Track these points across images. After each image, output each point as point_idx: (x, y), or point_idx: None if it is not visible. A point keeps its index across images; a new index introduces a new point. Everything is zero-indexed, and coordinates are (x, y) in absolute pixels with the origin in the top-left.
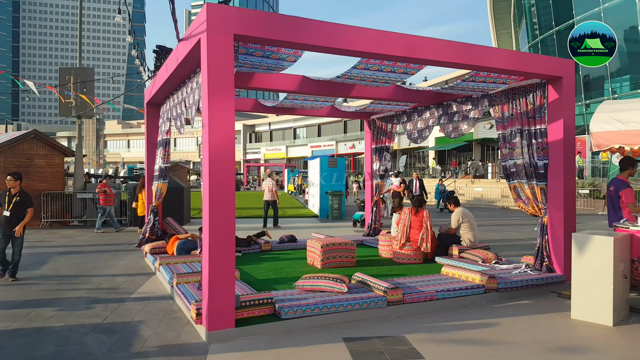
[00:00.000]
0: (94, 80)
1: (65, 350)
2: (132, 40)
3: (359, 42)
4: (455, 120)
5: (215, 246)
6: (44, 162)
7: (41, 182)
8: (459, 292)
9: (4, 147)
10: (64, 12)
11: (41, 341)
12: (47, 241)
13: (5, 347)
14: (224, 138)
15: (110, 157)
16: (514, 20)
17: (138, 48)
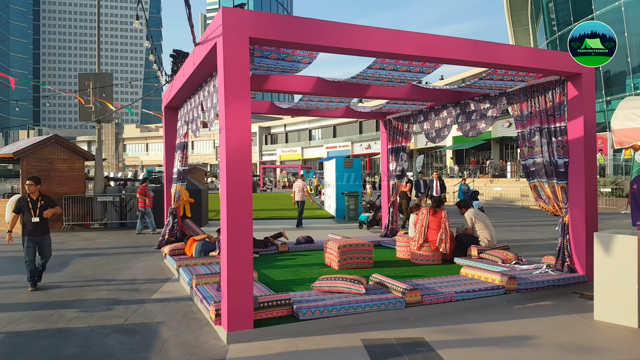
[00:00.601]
0: (113, 85)
1: (87, 351)
2: (149, 46)
3: (374, 42)
4: (473, 119)
5: (233, 247)
6: (65, 166)
7: (62, 186)
8: (479, 293)
9: (26, 152)
10: (82, 19)
11: (65, 342)
12: (68, 244)
13: (31, 347)
14: (241, 140)
15: (129, 161)
16: (531, 17)
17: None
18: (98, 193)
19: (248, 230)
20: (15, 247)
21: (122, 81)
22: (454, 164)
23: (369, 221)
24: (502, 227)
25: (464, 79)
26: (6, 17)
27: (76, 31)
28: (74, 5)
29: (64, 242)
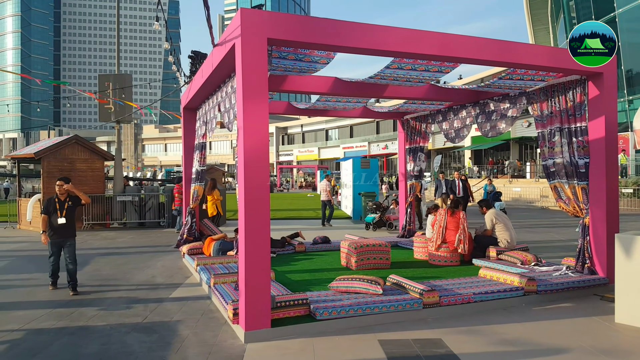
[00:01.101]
0: (132, 86)
1: (107, 349)
2: (169, 47)
3: (392, 42)
4: (493, 119)
5: (251, 247)
6: (85, 166)
7: (82, 186)
8: (497, 295)
9: (47, 152)
10: (102, 21)
11: (85, 339)
12: (88, 243)
13: (52, 345)
14: (259, 141)
15: (148, 161)
16: (552, 15)
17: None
18: (117, 193)
19: (265, 230)
20: (35, 245)
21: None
22: (472, 164)
23: (375, 222)
24: (522, 228)
25: (482, 78)
26: (28, 19)
27: (96, 32)
28: (94, 7)
29: (84, 241)
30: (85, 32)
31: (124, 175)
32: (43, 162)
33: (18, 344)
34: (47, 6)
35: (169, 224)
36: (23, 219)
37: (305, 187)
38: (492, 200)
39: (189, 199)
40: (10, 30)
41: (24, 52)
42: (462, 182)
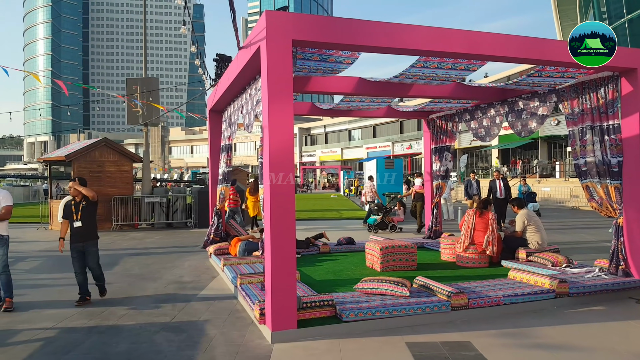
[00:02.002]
0: (159, 90)
1: (137, 348)
2: (195, 50)
3: (418, 40)
4: (524, 117)
5: (276, 248)
6: (114, 168)
7: (111, 187)
8: (528, 297)
9: (77, 154)
10: (129, 25)
11: (115, 338)
12: (117, 243)
13: (83, 343)
14: (284, 142)
15: (174, 163)
16: (580, 11)
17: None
18: (146, 194)
19: (291, 230)
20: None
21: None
22: (499, 163)
23: (376, 224)
24: (551, 228)
25: (509, 76)
26: (58, 25)
27: (123, 37)
28: (121, 13)
29: (112, 241)
30: (112, 37)
31: (152, 177)
32: (73, 164)
33: (51, 341)
34: (76, 12)
35: (195, 224)
36: (54, 220)
37: (328, 187)
38: (526, 200)
39: (215, 200)
40: (42, 37)
41: (54, 58)
42: (503, 181)
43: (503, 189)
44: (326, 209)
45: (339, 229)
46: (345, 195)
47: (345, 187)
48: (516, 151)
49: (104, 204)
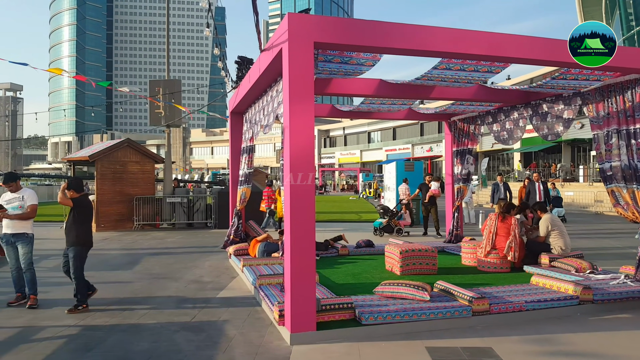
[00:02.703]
0: (181, 91)
1: (158, 347)
2: (218, 53)
3: (441, 42)
4: (549, 120)
5: (296, 249)
6: (137, 168)
7: (134, 187)
8: (551, 303)
9: (101, 155)
10: (152, 28)
11: (136, 337)
12: (139, 242)
13: (106, 341)
14: (304, 143)
15: (195, 164)
16: (606, 12)
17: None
18: (167, 194)
19: (311, 232)
20: None
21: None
22: (521, 167)
23: (382, 227)
24: (575, 234)
25: (532, 78)
26: (83, 27)
27: (146, 40)
28: (144, 15)
29: (134, 241)
30: (135, 39)
31: (174, 178)
32: (97, 164)
33: (74, 339)
34: (100, 15)
35: (215, 224)
36: None
37: (347, 189)
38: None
39: (235, 201)
40: (67, 39)
41: (78, 60)
42: (543, 184)
43: (542, 193)
44: (345, 211)
45: (357, 230)
46: (364, 198)
47: (362, 190)
48: (538, 154)
49: (126, 204)
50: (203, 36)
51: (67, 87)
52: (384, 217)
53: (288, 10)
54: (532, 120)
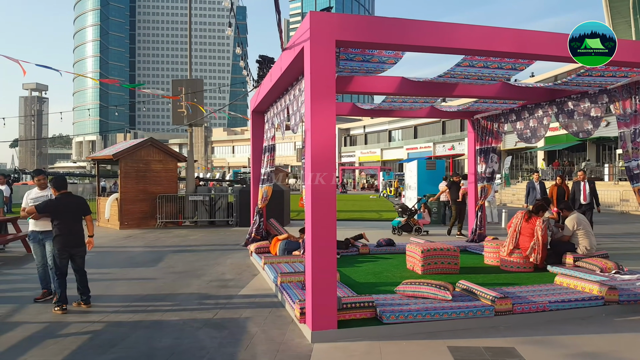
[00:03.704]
0: (203, 91)
1: (180, 343)
2: (240, 52)
3: (465, 39)
4: (576, 118)
5: (317, 247)
6: (160, 167)
7: (157, 186)
8: (575, 304)
9: (124, 153)
10: (174, 28)
11: (159, 333)
12: (162, 240)
13: (130, 337)
14: (325, 142)
15: (217, 162)
16: (634, 7)
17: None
18: (189, 193)
19: (332, 230)
20: (112, 242)
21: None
22: (545, 165)
23: (400, 226)
24: (600, 233)
25: (556, 76)
26: (106, 28)
27: (168, 39)
28: (166, 15)
29: (157, 238)
30: (158, 39)
31: (195, 176)
32: (120, 163)
33: (99, 334)
34: (123, 15)
35: (236, 222)
36: (101, 217)
37: (367, 188)
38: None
39: (257, 199)
40: (91, 39)
41: (102, 60)
42: (589, 184)
43: (588, 194)
44: (365, 209)
45: (377, 228)
46: (385, 197)
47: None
48: (563, 153)
49: (149, 202)
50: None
51: (91, 87)
52: (402, 215)
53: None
54: (559, 118)
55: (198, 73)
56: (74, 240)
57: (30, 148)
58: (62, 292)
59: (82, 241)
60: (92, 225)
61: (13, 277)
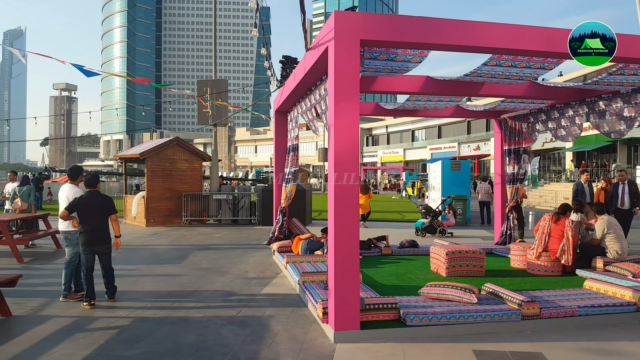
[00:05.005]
0: (227, 91)
1: (205, 340)
2: (265, 52)
3: (492, 38)
4: (608, 118)
5: (340, 247)
6: (185, 166)
7: (182, 184)
8: (605, 309)
9: (151, 152)
10: (199, 29)
11: (184, 329)
12: (187, 237)
13: (155, 333)
14: (349, 142)
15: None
16: None
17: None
18: (214, 191)
19: (355, 230)
20: (139, 240)
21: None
22: (574, 167)
23: (424, 227)
24: (632, 238)
25: (585, 75)
26: (133, 29)
27: (193, 40)
28: (192, 17)
29: (183, 236)
30: (183, 39)
31: (219, 175)
32: (147, 162)
33: (126, 329)
34: (149, 17)
35: (259, 221)
36: (129, 214)
37: (389, 188)
38: None
39: (279, 198)
40: (118, 40)
41: (129, 60)
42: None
43: (627, 197)
44: (388, 210)
45: (399, 228)
46: (407, 197)
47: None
48: (592, 154)
49: (174, 200)
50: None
51: (119, 86)
52: (426, 217)
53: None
54: (590, 118)
55: (222, 74)
56: (97, 238)
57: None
58: (90, 288)
59: (106, 239)
60: (117, 225)
61: (44, 272)
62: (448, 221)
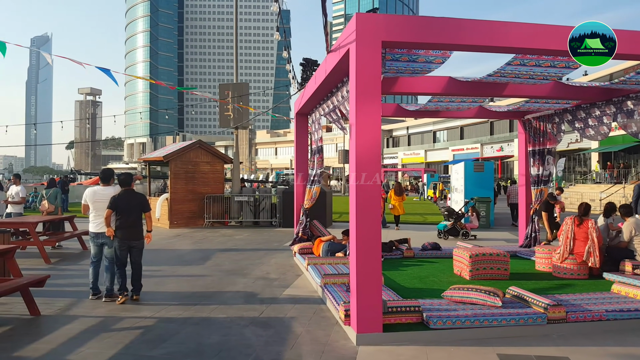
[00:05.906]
0: (248, 94)
1: (228, 340)
2: (287, 56)
3: (515, 37)
4: (636, 118)
5: (362, 248)
6: (207, 168)
7: (204, 186)
8: (635, 314)
9: (174, 155)
10: (220, 32)
11: (208, 330)
12: (209, 239)
13: (179, 333)
14: (371, 143)
15: (260, 164)
16: None
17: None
18: (235, 193)
19: (376, 231)
20: (162, 241)
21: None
22: (600, 168)
23: (446, 230)
24: None
25: (611, 74)
26: (156, 34)
27: (214, 44)
28: (213, 20)
29: (205, 237)
30: (205, 44)
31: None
32: (170, 164)
33: (150, 330)
34: (172, 21)
35: (280, 223)
36: (152, 216)
37: (411, 190)
38: None
39: (300, 200)
40: (141, 45)
41: (152, 65)
42: None
43: None
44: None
45: (421, 230)
46: (429, 199)
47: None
48: (619, 155)
49: (197, 202)
50: (268, 39)
51: (142, 90)
52: (448, 219)
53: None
54: (617, 118)
55: (243, 77)
56: (132, 234)
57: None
58: (123, 281)
59: (141, 235)
60: (151, 222)
61: (70, 273)
62: (471, 223)
